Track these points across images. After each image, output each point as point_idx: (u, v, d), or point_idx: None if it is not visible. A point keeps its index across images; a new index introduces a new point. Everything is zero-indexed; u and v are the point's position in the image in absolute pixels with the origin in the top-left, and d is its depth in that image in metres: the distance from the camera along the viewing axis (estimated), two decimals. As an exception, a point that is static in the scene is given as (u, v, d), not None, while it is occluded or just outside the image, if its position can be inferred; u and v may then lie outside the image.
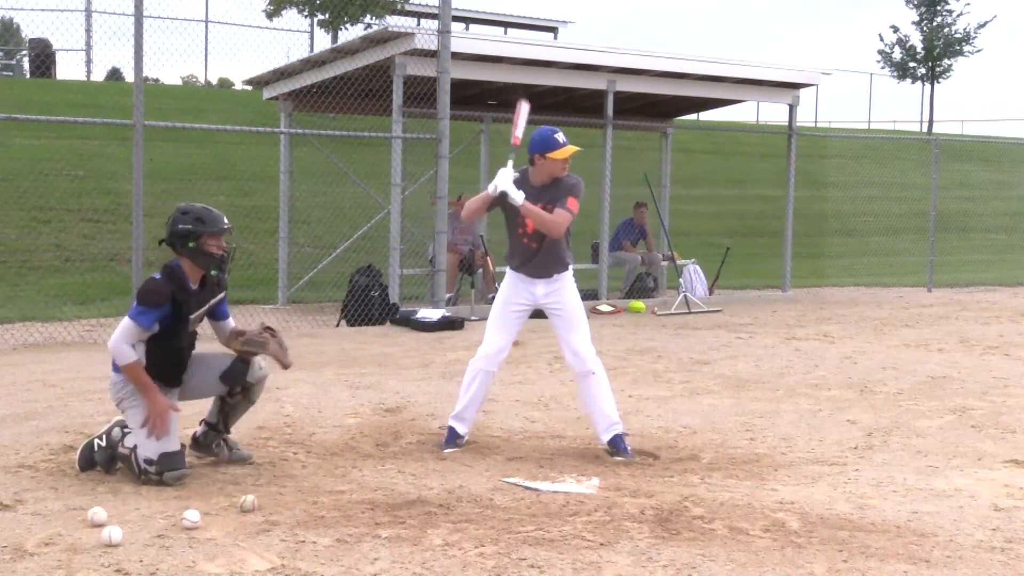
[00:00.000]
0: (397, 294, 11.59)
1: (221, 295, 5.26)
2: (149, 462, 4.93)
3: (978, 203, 25.89)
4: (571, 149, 5.66)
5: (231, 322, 5.36)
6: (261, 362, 5.28)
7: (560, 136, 5.67)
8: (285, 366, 5.30)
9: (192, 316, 5.13)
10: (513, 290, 5.83)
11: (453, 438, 5.83)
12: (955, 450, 5.93)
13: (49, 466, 5.22)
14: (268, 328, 5.30)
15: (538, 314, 5.94)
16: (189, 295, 5.08)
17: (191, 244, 5.02)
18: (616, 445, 5.68)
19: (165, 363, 5.09)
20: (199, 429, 5.38)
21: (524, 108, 5.95)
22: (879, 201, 21.11)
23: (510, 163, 5.70)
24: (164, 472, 4.92)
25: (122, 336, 4.94)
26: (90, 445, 5.17)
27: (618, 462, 5.58)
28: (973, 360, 9.22)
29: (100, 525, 4.16)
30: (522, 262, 5.79)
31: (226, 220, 5.14)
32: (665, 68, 13.24)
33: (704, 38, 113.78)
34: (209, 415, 5.35)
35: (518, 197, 5.56)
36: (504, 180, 5.58)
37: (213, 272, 5.11)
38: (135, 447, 4.96)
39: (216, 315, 5.30)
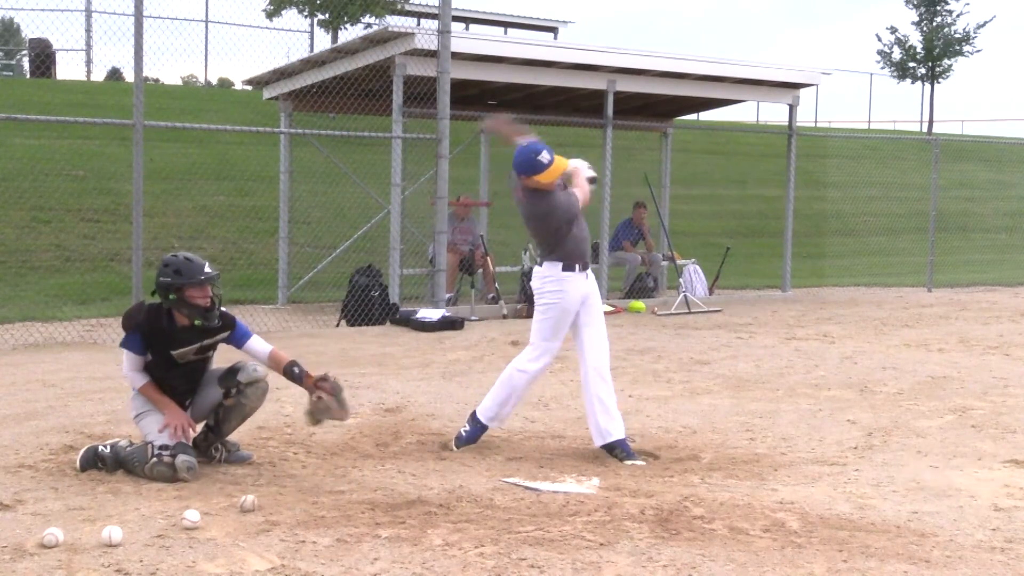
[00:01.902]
0: (397, 294, 11.59)
1: (221, 336, 5.20)
2: (164, 447, 5.01)
3: (978, 203, 25.89)
4: (559, 168, 5.58)
5: (255, 345, 5.25)
6: (256, 365, 5.27)
7: (544, 156, 5.52)
8: (345, 418, 5.32)
9: (176, 352, 5.15)
10: (576, 293, 5.69)
11: (480, 434, 5.86)
12: (955, 450, 5.93)
13: (49, 466, 5.22)
14: (323, 382, 5.16)
15: None
16: (165, 333, 5.11)
17: (172, 296, 5.05)
18: (624, 447, 5.65)
19: (165, 389, 5.21)
20: (198, 431, 5.40)
21: (492, 123, 5.96)
22: (879, 201, 21.11)
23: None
24: (177, 455, 4.97)
25: (126, 365, 5.24)
26: (94, 448, 5.19)
27: (619, 462, 5.57)
28: (973, 360, 9.22)
29: (53, 544, 4.05)
30: (584, 256, 5.75)
31: (208, 267, 5.10)
32: (665, 68, 13.24)
33: (704, 38, 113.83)
34: (209, 418, 5.37)
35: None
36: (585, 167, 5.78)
37: (198, 322, 5.09)
38: (151, 442, 5.05)
39: (236, 344, 5.30)
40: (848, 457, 5.75)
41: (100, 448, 5.17)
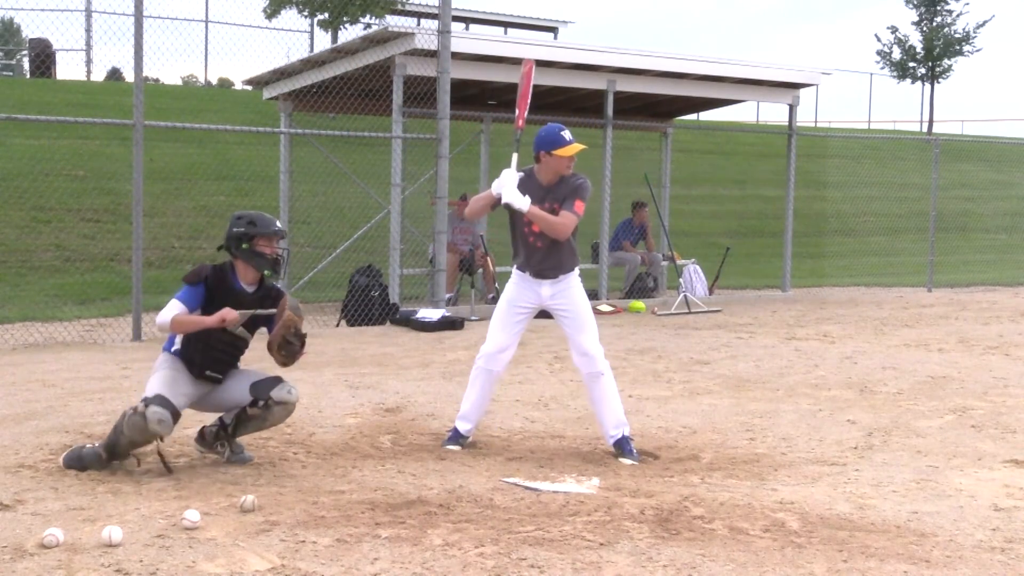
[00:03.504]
0: (397, 294, 11.59)
1: (272, 309, 5.25)
2: (145, 399, 4.99)
3: (978, 203, 25.89)
4: (577, 147, 5.62)
5: None
6: (291, 386, 5.28)
7: (566, 133, 5.63)
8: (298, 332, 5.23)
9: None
10: (518, 291, 5.78)
11: (456, 437, 5.84)
12: (955, 450, 5.93)
13: (49, 466, 5.21)
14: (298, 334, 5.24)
15: (543, 314, 5.92)
16: (231, 291, 5.18)
17: (244, 246, 5.19)
18: (622, 447, 5.66)
19: (195, 346, 5.16)
20: (211, 424, 5.41)
21: (530, 71, 5.84)
22: (879, 201, 21.11)
23: (514, 162, 5.64)
24: (150, 405, 4.93)
25: (165, 310, 5.11)
26: (80, 447, 5.18)
27: (620, 462, 5.57)
28: (973, 360, 9.22)
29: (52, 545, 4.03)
30: (527, 262, 5.76)
31: (279, 223, 5.30)
32: (665, 68, 13.24)
33: (704, 38, 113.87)
34: (227, 417, 5.36)
35: (523, 204, 5.48)
36: (507, 185, 5.49)
37: (267, 272, 5.24)
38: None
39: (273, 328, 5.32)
40: (848, 457, 5.75)
41: (89, 445, 5.15)
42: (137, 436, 4.97)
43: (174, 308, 5.09)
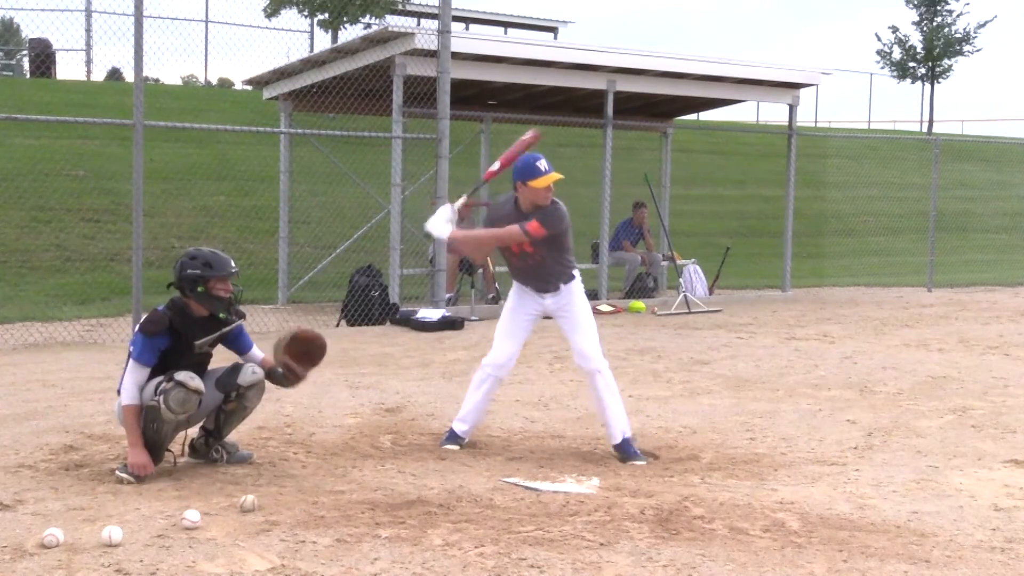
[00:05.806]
0: (397, 294, 11.59)
1: (235, 324, 5.27)
2: (159, 388, 4.97)
3: (978, 203, 25.87)
4: (552, 177, 5.57)
5: (258, 354, 5.39)
6: (254, 367, 5.29)
7: (542, 164, 5.58)
8: (318, 344, 5.32)
9: (198, 342, 5.17)
10: (521, 300, 5.84)
11: (453, 437, 5.85)
12: (955, 450, 5.93)
13: (49, 466, 5.22)
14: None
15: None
16: (193, 323, 5.14)
17: (199, 288, 5.11)
18: (624, 450, 5.66)
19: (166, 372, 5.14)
20: (196, 436, 5.40)
21: (528, 138, 5.83)
22: (879, 201, 21.10)
23: (459, 202, 5.77)
24: (171, 379, 4.95)
25: (129, 376, 5.06)
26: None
27: (619, 462, 5.57)
28: (973, 360, 9.22)
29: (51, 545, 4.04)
30: (524, 278, 5.82)
31: (233, 264, 5.22)
32: (665, 68, 13.24)
33: (704, 38, 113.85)
34: (206, 420, 5.36)
35: (443, 233, 5.65)
36: (434, 218, 5.67)
37: (222, 315, 5.17)
38: (153, 397, 5.01)
39: (238, 348, 5.35)
40: (848, 457, 5.75)
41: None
42: (181, 408, 4.96)
43: (137, 378, 5.01)
